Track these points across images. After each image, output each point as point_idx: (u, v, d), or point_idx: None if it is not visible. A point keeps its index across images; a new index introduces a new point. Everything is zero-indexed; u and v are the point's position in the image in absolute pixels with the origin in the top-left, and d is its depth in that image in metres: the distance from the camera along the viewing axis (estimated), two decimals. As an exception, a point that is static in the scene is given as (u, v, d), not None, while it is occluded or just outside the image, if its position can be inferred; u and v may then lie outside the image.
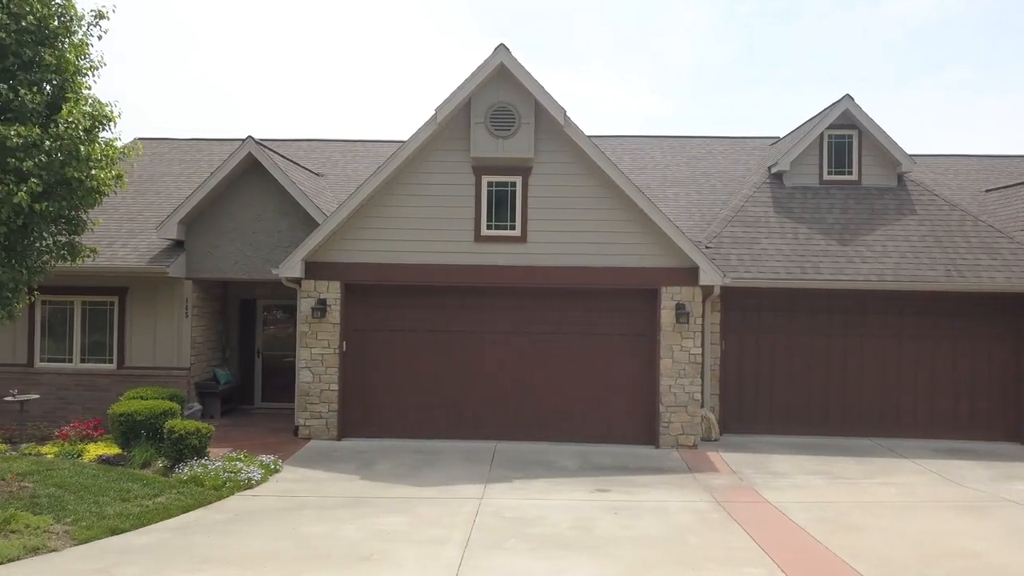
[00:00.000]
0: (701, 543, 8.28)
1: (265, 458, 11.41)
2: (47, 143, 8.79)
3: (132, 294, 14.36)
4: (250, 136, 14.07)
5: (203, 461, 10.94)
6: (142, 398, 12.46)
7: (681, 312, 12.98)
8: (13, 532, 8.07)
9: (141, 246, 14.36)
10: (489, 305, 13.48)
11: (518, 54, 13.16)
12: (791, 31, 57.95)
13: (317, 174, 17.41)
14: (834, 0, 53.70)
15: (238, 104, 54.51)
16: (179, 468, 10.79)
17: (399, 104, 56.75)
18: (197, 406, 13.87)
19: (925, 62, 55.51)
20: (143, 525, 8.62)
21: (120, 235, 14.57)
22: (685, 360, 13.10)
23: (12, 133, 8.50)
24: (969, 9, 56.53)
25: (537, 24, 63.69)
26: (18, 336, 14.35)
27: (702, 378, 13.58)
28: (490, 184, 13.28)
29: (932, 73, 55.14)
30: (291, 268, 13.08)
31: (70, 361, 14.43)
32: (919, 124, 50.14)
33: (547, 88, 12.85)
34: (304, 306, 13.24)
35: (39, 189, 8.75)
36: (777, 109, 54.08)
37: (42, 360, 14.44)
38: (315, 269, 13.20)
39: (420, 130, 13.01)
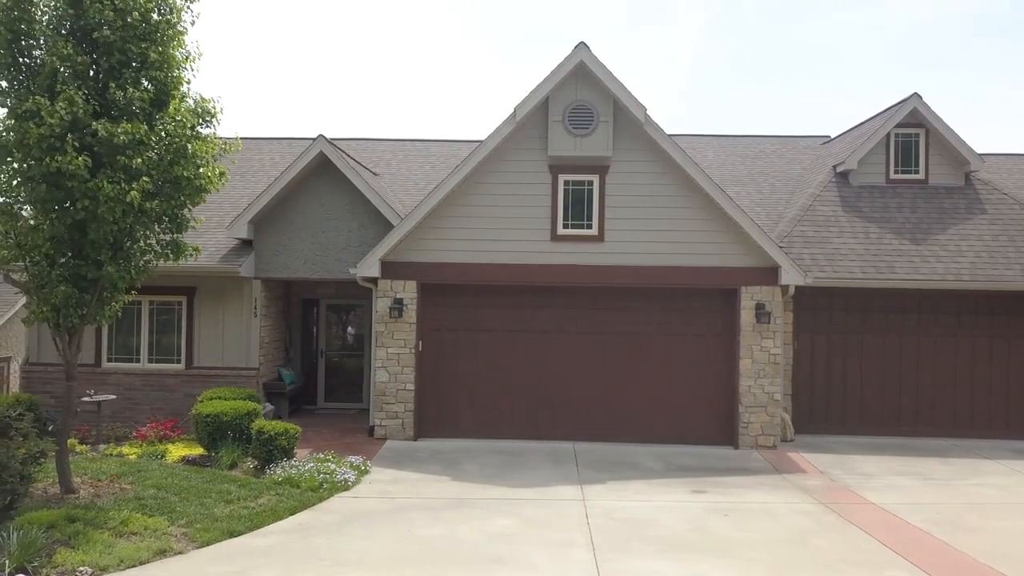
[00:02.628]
0: (827, 545, 8.18)
1: (353, 459, 11.31)
2: (154, 140, 8.70)
3: (200, 294, 14.25)
4: (321, 135, 13.97)
5: (292, 462, 10.84)
6: (221, 398, 12.37)
7: (761, 312, 12.88)
8: (134, 534, 7.98)
9: (209, 245, 14.24)
10: (565, 305, 13.39)
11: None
12: (791, 30, 57.88)
13: (374, 173, 17.30)
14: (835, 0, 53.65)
15: (259, 104, 54.45)
16: (269, 469, 10.68)
17: (407, 104, 56.69)
18: (269, 406, 13.77)
19: (924, 61, 55.44)
20: (257, 527, 8.53)
21: (187, 235, 14.44)
22: (765, 360, 12.99)
23: (119, 131, 8.40)
24: (970, 9, 56.49)
25: (539, 25, 63.63)
26: (86, 336, 14.18)
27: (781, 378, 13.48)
28: (567, 183, 13.18)
29: (932, 71, 55.09)
30: (368, 268, 12.98)
31: (137, 361, 14.31)
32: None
33: (627, 86, 12.75)
34: (381, 306, 13.14)
35: (149, 187, 8.65)
36: (776, 109, 54.01)
37: (109, 360, 14.32)
38: (391, 268, 13.10)
39: (498, 129, 12.92)
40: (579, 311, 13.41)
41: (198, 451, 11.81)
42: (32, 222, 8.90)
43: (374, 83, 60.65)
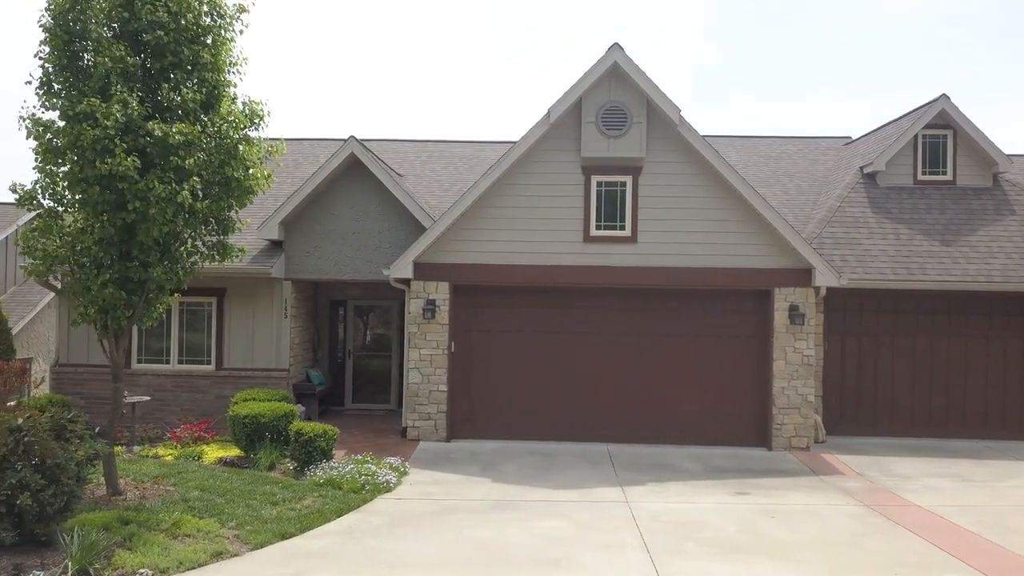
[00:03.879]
0: (879, 548, 8.17)
1: (392, 460, 11.31)
2: (205, 141, 8.70)
3: (230, 295, 14.23)
4: (352, 136, 13.98)
5: (332, 464, 10.84)
6: (255, 400, 12.38)
7: (795, 313, 12.88)
8: (187, 536, 7.97)
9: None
10: (597, 306, 13.38)
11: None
12: (787, 30, 57.88)
13: (399, 174, 17.29)
14: (834, 1, 53.65)
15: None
16: (309, 471, 10.68)
17: (410, 105, 56.66)
18: (301, 408, 13.74)
19: (922, 62, 55.43)
20: (307, 529, 8.52)
21: (216, 235, 14.44)
22: (798, 362, 12.99)
23: (174, 131, 8.41)
24: (968, 9, 56.48)
25: (540, 25, 63.62)
26: (115, 337, 14.21)
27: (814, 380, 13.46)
28: (599, 184, 13.17)
29: (928, 74, 55.11)
30: (402, 269, 12.98)
31: (167, 363, 14.31)
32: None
33: (661, 87, 12.75)
34: (413, 307, 13.14)
35: (199, 188, 8.66)
36: (776, 110, 53.97)
37: (139, 361, 14.30)
38: (424, 270, 13.10)
39: (531, 130, 12.92)
40: (611, 312, 13.40)
41: (234, 452, 11.82)
42: (79, 224, 8.89)
43: (376, 83, 60.66)
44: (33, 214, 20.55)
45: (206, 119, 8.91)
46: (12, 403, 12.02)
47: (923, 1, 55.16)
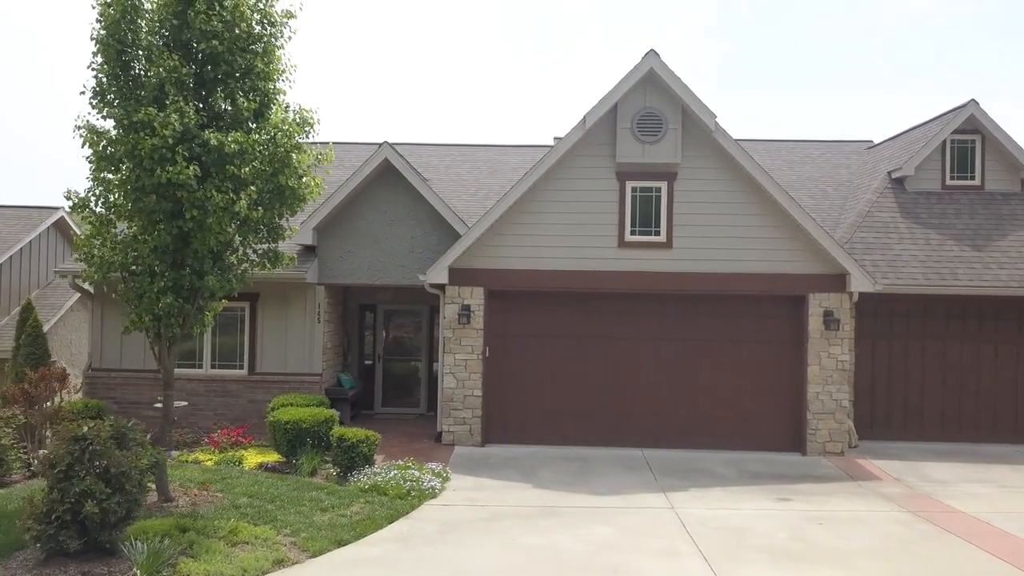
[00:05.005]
0: (933, 555, 8.21)
1: (434, 465, 11.34)
2: (259, 150, 8.74)
3: (263, 300, 14.27)
4: (386, 142, 14.03)
5: (374, 469, 10.89)
6: (293, 405, 12.43)
7: (829, 319, 12.92)
8: (245, 543, 8.01)
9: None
10: (632, 311, 13.42)
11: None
12: (786, 31, 57.94)
13: (423, 178, 17.31)
14: (835, 1, 53.73)
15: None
16: (352, 476, 10.72)
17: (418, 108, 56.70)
18: (336, 412, 13.78)
19: (922, 62, 55.54)
20: (361, 536, 8.55)
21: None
22: (832, 367, 13.02)
23: (230, 140, 8.45)
24: (968, 10, 56.57)
25: (540, 24, 63.67)
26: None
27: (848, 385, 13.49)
28: (634, 190, 13.21)
29: (928, 74, 55.22)
30: (438, 274, 13.02)
31: (200, 367, 14.34)
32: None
33: (696, 93, 12.78)
34: (448, 312, 13.17)
35: (255, 197, 8.70)
36: (774, 111, 54.02)
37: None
38: (459, 275, 13.14)
39: (567, 136, 12.96)
40: (646, 318, 13.43)
41: (274, 457, 11.85)
42: (133, 232, 8.92)
43: (374, 84, 60.82)
44: (55, 219, 20.68)
45: (257, 127, 8.96)
46: (49, 405, 12.16)
47: (921, 2, 55.22)
